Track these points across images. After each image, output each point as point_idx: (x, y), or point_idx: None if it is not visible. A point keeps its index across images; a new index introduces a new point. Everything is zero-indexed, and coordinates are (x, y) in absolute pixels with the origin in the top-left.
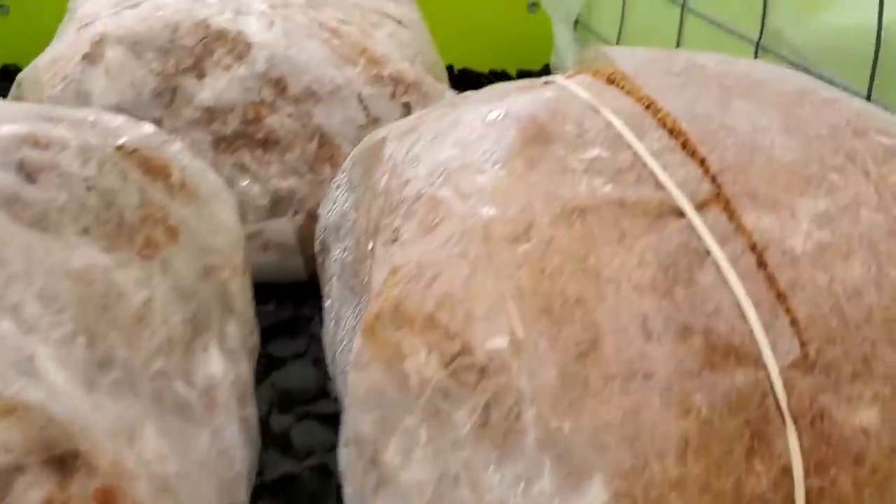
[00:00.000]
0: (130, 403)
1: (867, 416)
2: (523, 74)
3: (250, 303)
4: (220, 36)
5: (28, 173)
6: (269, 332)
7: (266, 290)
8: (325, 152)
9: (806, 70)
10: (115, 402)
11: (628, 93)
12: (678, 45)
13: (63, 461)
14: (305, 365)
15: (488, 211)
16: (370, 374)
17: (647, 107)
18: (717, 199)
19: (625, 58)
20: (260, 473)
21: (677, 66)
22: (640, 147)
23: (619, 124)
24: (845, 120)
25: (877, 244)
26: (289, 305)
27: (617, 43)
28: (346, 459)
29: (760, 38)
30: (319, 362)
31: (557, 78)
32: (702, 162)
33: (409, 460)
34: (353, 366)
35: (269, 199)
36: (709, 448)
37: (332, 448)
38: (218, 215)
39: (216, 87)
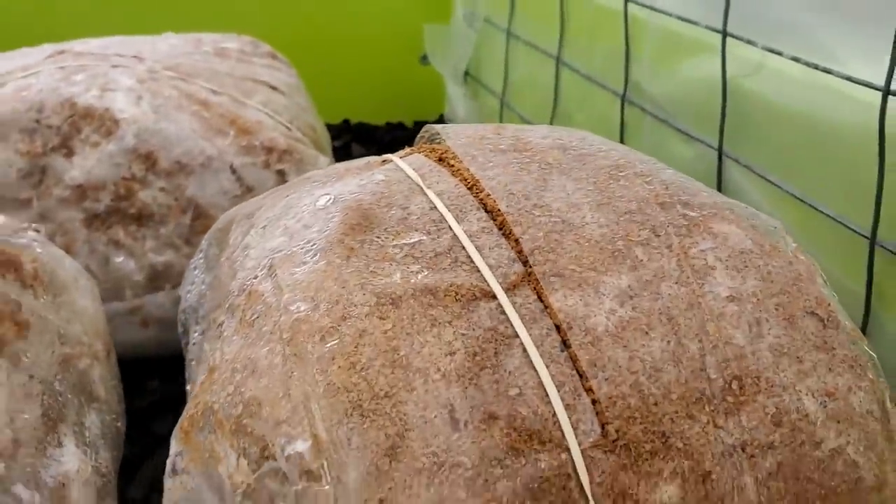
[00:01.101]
0: None
1: (667, 492)
2: (420, 124)
3: (115, 388)
4: (87, 113)
5: None
6: (153, 408)
7: (149, 366)
8: (201, 224)
9: (665, 121)
10: None
11: (456, 171)
12: (555, 95)
13: None
14: None
15: (300, 307)
16: (187, 480)
17: (471, 187)
18: (528, 280)
19: (457, 135)
20: None
21: (504, 143)
22: (458, 230)
23: (441, 207)
24: (654, 193)
25: (676, 318)
26: (173, 381)
27: (503, 94)
28: None
29: (625, 91)
30: None
31: (394, 157)
32: (516, 242)
33: None
34: (168, 473)
35: (145, 275)
36: None
37: None
38: (76, 303)
39: (85, 164)
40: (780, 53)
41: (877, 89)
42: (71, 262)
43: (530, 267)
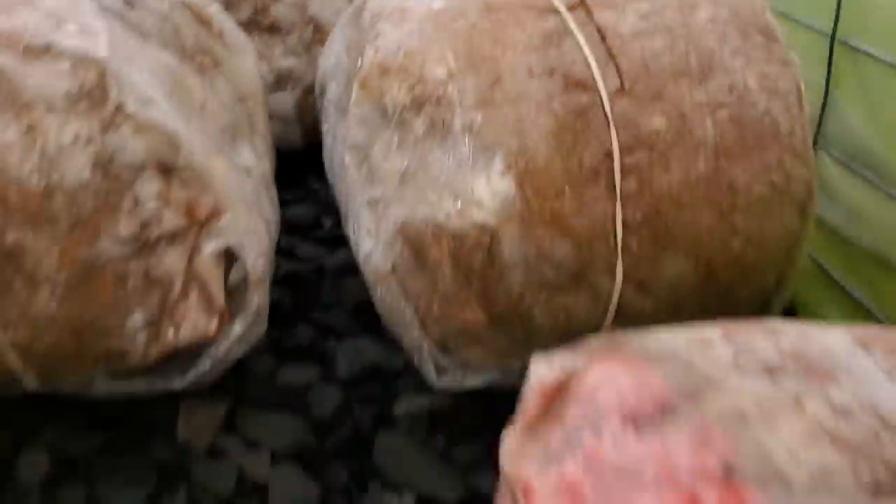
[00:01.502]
0: (207, 143)
1: (657, 122)
2: None
3: (269, 131)
4: None
5: (128, 2)
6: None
7: None
8: (318, 37)
9: None
10: (199, 137)
11: None
12: None
13: (169, 167)
14: (305, 206)
15: (438, 5)
16: (363, 108)
17: None
18: (582, 5)
19: None
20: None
21: None
22: None
23: None
24: None
25: (674, 29)
26: (290, 167)
27: None
28: (348, 160)
29: None
30: (315, 204)
31: None
32: None
33: (387, 156)
34: (352, 105)
35: (274, 76)
36: (563, 137)
37: (323, 257)
38: (245, 63)
39: None
40: None
41: None
42: (240, 31)
43: None
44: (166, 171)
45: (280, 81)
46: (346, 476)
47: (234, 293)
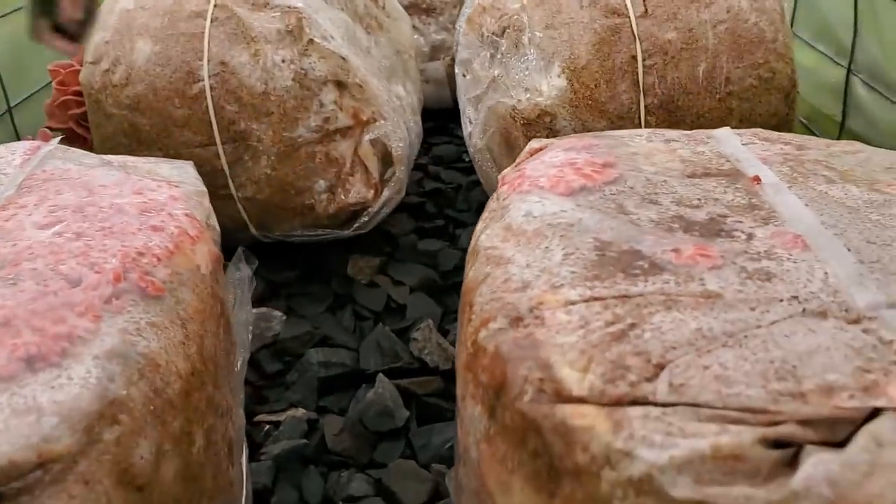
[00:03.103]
0: (371, 71)
1: (671, 35)
2: None
3: (418, 78)
4: None
5: None
6: (428, 132)
7: (426, 113)
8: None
9: None
10: (364, 66)
11: None
12: None
13: (343, 83)
14: (450, 146)
15: None
16: (469, 37)
17: None
18: None
19: None
20: (421, 186)
21: None
22: None
23: None
24: None
25: None
26: (442, 119)
27: None
28: (457, 71)
29: None
30: (457, 145)
31: None
32: None
33: (483, 66)
34: (461, 35)
35: (429, 48)
36: (601, 48)
37: (460, 179)
38: (402, 27)
39: None
40: None
41: None
42: (399, 6)
43: None
44: (341, 85)
45: (434, 52)
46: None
47: (384, 170)
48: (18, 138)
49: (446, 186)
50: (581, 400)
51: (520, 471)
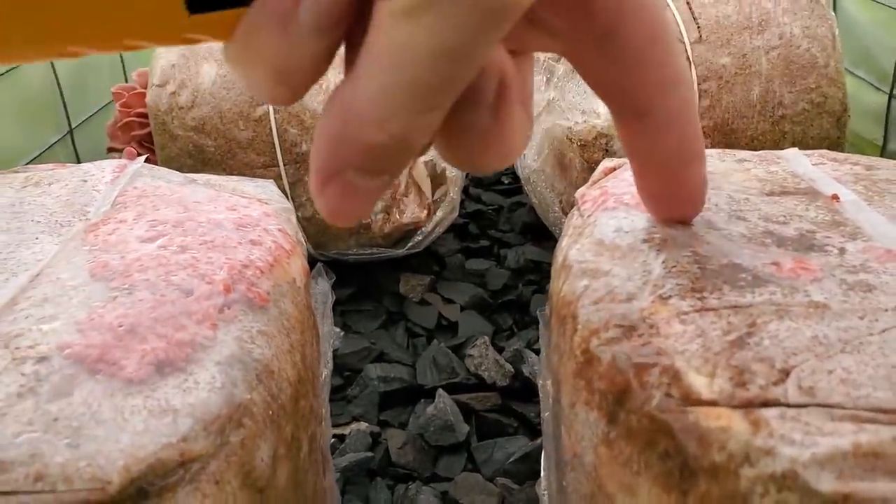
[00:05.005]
0: None
1: (725, 60)
2: None
3: None
4: None
5: None
6: None
7: None
8: None
9: None
10: None
11: None
12: None
13: None
14: None
15: None
16: None
17: None
18: None
19: None
20: (463, 207)
21: None
22: None
23: None
24: None
25: None
26: None
27: None
28: None
29: None
30: None
31: None
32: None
33: (539, 90)
34: None
35: None
36: None
37: (501, 201)
38: None
39: None
40: None
41: None
42: None
43: None
44: None
45: None
46: (511, 321)
47: (438, 191)
48: (79, 160)
49: (487, 208)
50: (712, 403)
51: (647, 472)
